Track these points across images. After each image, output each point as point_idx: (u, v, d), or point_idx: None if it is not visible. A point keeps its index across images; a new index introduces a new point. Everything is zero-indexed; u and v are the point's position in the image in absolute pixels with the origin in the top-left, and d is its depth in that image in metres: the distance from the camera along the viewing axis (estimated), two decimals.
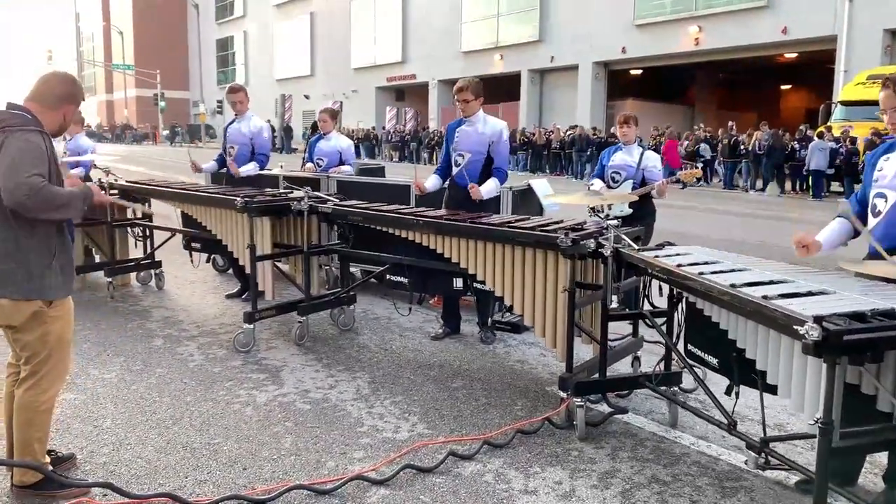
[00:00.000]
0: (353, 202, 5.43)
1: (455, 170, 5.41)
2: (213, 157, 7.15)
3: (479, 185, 5.27)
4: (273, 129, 40.13)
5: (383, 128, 36.39)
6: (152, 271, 7.22)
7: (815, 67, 26.11)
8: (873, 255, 3.13)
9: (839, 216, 3.36)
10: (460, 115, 5.43)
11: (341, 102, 38.91)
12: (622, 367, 4.74)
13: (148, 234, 7.15)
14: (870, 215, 3.20)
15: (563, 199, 5.09)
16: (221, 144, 7.00)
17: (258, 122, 6.77)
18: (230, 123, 6.83)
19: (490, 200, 5.37)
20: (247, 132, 6.69)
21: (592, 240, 3.85)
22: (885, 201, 3.09)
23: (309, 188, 5.38)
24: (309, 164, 7.44)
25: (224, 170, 6.86)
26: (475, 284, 4.91)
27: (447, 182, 5.55)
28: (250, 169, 6.64)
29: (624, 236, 3.82)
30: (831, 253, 3.45)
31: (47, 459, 3.25)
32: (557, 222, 4.39)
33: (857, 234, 3.31)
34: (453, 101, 5.46)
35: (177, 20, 60.78)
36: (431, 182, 5.59)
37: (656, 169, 5.92)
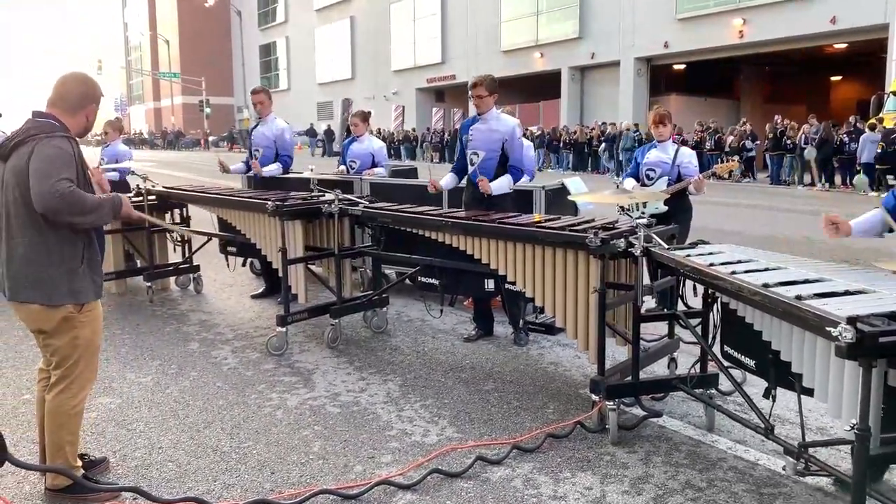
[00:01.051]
0: (383, 204, 5.42)
1: (471, 168, 5.41)
2: (242, 160, 7.25)
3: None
4: (315, 133, 40.58)
5: (428, 129, 36.46)
6: (191, 275, 7.32)
7: (865, 57, 25.28)
8: None
9: (881, 206, 3.31)
10: (475, 113, 5.44)
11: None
12: (660, 369, 4.63)
13: (186, 238, 7.25)
14: None
15: (595, 198, 4.99)
16: (248, 147, 7.10)
17: (280, 124, 6.83)
18: (254, 127, 6.93)
19: (507, 198, 5.35)
20: (270, 135, 6.77)
21: (622, 239, 3.76)
22: None
23: (339, 191, 5.38)
24: (341, 167, 7.47)
25: (249, 172, 6.95)
26: (506, 285, 4.85)
27: (464, 181, 5.56)
28: (273, 170, 6.74)
29: (655, 235, 3.71)
30: (864, 241, 3.35)
31: (79, 463, 3.30)
32: (587, 222, 4.31)
33: (892, 229, 3.26)
34: (469, 97, 5.42)
35: (221, 28, 61.87)
36: (447, 180, 5.62)
37: (692, 165, 5.77)
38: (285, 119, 7.11)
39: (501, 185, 5.28)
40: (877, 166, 17.34)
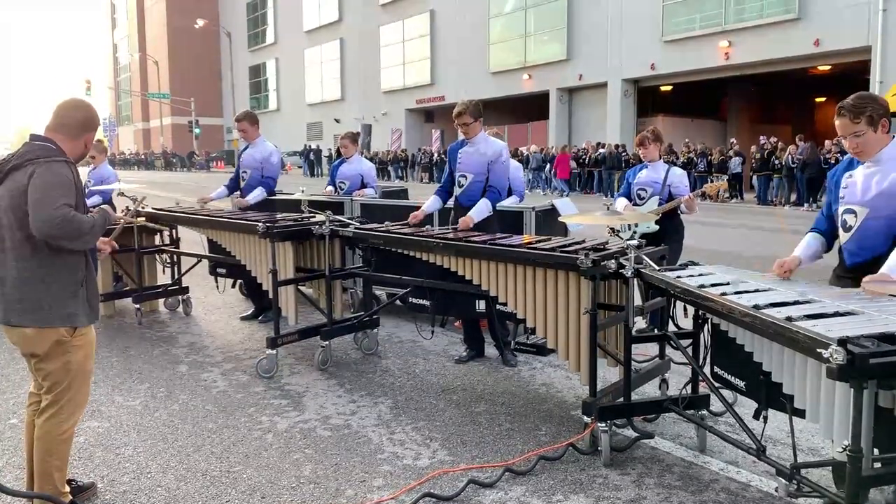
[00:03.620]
0: (374, 225, 5.41)
1: (458, 191, 5.44)
2: (225, 183, 7.17)
3: None
4: (310, 155, 40.60)
5: (419, 149, 36.59)
6: (180, 297, 7.28)
7: (849, 79, 25.57)
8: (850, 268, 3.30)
9: (810, 232, 3.55)
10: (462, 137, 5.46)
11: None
12: (651, 390, 4.63)
13: (175, 260, 7.22)
14: (841, 231, 3.36)
15: (585, 220, 5.01)
16: (235, 169, 7.09)
17: (268, 147, 6.82)
18: (244, 149, 6.91)
19: (491, 220, 5.31)
20: (258, 157, 6.76)
21: (613, 260, 3.78)
22: (855, 217, 3.26)
23: (330, 212, 5.38)
24: (329, 188, 7.48)
25: (231, 195, 6.95)
26: (497, 306, 4.85)
27: (452, 203, 5.57)
28: (256, 195, 6.72)
29: (645, 256, 3.73)
30: (810, 265, 3.55)
31: (67, 489, 3.25)
32: (578, 243, 4.32)
33: (829, 248, 3.52)
34: (454, 127, 5.43)
35: (210, 49, 62.05)
36: (429, 204, 5.62)
37: (683, 185, 5.81)
38: (275, 141, 7.11)
39: (480, 211, 5.25)
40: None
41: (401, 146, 38.49)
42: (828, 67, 25.18)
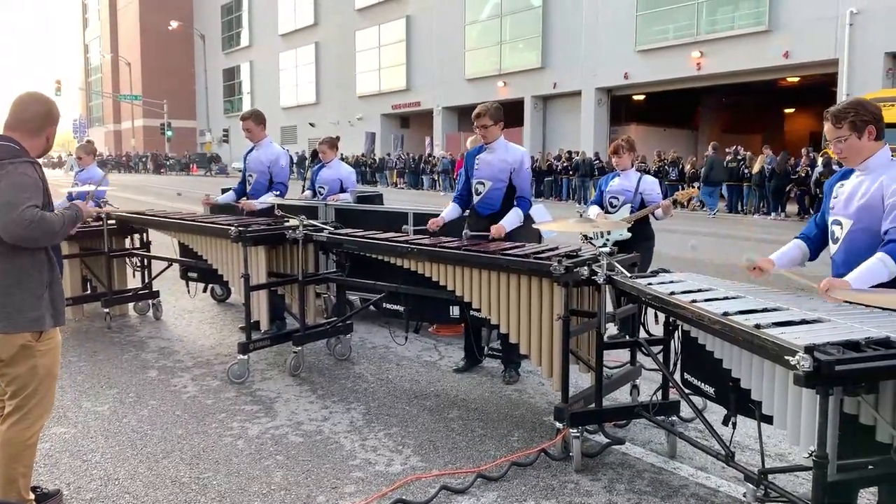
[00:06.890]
0: (348, 230, 5.40)
1: (476, 199, 5.27)
2: (233, 187, 6.92)
3: (501, 213, 5.15)
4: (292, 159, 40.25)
5: (388, 154, 36.59)
6: (150, 301, 7.19)
7: (817, 90, 26.11)
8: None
9: (796, 238, 3.45)
10: (480, 143, 5.29)
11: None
12: (622, 396, 4.66)
13: (146, 263, 7.13)
14: (830, 242, 3.26)
15: (559, 226, 5.04)
16: (241, 173, 6.73)
17: (275, 150, 6.51)
18: (249, 151, 6.59)
19: (519, 231, 5.18)
20: (265, 160, 6.44)
21: (586, 267, 3.81)
22: (841, 228, 3.15)
23: (304, 216, 5.36)
24: (307, 193, 7.44)
25: (239, 201, 6.62)
26: (471, 312, 4.86)
27: (467, 211, 5.39)
28: (266, 199, 6.36)
29: (617, 264, 3.76)
30: (818, 270, 3.45)
31: (31, 496, 3.20)
32: (552, 249, 4.35)
33: (813, 257, 3.40)
34: (473, 129, 5.23)
35: (184, 51, 61.48)
36: (448, 211, 5.42)
37: (655, 192, 5.88)
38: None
39: (512, 220, 5.12)
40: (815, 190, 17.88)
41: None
42: (796, 79, 25.65)
